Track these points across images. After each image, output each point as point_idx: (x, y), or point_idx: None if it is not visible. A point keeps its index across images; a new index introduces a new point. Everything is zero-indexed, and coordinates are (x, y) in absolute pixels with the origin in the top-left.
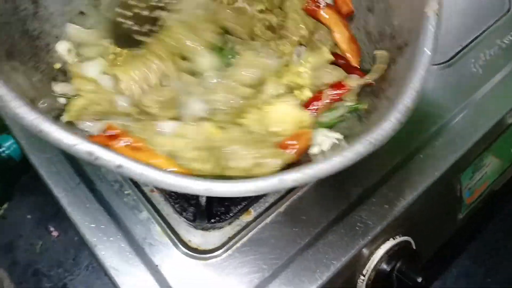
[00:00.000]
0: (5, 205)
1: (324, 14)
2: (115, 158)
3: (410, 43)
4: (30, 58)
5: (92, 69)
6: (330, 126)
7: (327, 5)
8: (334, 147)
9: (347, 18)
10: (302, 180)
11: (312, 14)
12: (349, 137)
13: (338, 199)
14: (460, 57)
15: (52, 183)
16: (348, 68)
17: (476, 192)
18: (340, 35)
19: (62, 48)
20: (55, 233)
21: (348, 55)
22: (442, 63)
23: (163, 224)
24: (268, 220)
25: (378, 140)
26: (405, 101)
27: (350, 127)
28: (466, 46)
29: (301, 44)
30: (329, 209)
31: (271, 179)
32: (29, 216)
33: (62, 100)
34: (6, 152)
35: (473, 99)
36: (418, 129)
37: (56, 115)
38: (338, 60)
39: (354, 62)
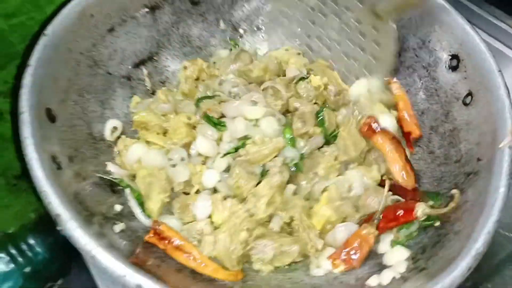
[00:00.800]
0: (60, 281)
1: (379, 139)
2: None
3: (480, 174)
4: (91, 162)
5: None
6: (403, 244)
7: (382, 131)
8: (393, 283)
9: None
10: None
11: (367, 136)
12: (413, 270)
13: None
14: None
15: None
16: (399, 190)
17: None
18: (395, 165)
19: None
20: None
21: (402, 184)
22: None
23: None
24: None
25: None
26: (478, 246)
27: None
28: None
29: None
30: None
31: None
32: None
33: (117, 208)
34: None
35: None
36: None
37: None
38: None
39: (408, 187)
